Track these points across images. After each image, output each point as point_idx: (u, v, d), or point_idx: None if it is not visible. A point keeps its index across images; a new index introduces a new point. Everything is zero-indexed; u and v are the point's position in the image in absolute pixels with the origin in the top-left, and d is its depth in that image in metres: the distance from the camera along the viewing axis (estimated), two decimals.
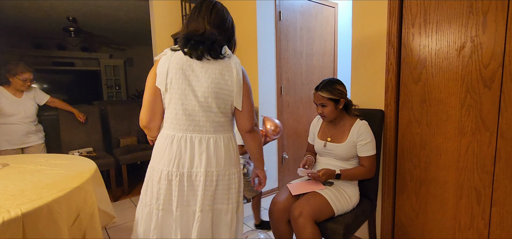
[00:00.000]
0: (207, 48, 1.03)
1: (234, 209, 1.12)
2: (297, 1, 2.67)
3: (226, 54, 1.07)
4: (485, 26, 1.21)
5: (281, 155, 2.73)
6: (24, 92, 2.34)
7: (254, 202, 2.13)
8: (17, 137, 2.28)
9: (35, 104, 2.41)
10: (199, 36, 1.02)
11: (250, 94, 1.11)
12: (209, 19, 1.04)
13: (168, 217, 1.04)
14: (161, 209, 1.04)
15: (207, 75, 1.03)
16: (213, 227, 1.08)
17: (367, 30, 1.65)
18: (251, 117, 1.11)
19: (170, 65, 1.01)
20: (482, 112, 1.25)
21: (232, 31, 1.14)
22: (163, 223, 1.04)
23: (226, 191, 1.09)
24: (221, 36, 1.06)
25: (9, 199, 0.86)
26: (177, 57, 1.02)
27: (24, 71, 2.25)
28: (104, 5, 3.60)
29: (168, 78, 1.01)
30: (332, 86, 1.42)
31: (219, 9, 1.10)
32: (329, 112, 1.44)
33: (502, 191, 1.22)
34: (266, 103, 2.58)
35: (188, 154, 1.03)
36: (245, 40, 2.60)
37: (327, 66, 3.03)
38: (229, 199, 1.10)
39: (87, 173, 1.16)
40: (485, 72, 1.22)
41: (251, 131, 1.13)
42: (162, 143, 1.05)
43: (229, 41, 1.13)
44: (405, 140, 1.54)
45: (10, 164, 1.32)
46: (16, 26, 4.52)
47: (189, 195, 1.04)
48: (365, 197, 1.54)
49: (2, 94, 2.23)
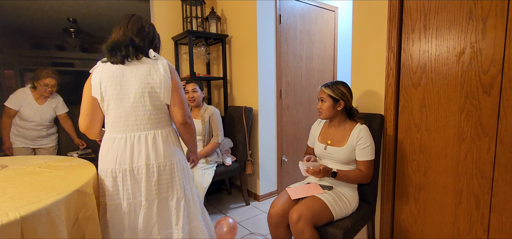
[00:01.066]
0: (126, 52, 1.14)
1: (180, 194, 1.22)
2: (297, 5, 2.68)
3: (153, 57, 1.18)
4: (485, 32, 1.21)
5: (281, 158, 2.73)
6: (48, 100, 2.40)
7: None
8: (29, 138, 2.38)
9: (53, 113, 2.45)
10: (118, 43, 1.15)
11: (179, 89, 1.20)
12: (126, 29, 1.18)
13: (118, 210, 1.16)
14: (109, 204, 1.16)
15: (136, 78, 1.14)
16: (159, 214, 1.19)
17: (367, 35, 1.65)
18: (182, 110, 1.20)
19: (102, 75, 1.14)
20: (482, 118, 1.25)
21: (153, 35, 1.24)
22: (114, 216, 1.16)
23: (169, 180, 1.21)
24: (143, 41, 1.19)
25: (7, 202, 0.86)
26: (107, 67, 1.15)
27: (45, 77, 2.30)
28: (104, 6, 3.61)
29: (102, 87, 1.14)
30: (335, 86, 1.47)
31: (136, 18, 1.22)
32: (325, 109, 1.47)
33: (501, 197, 1.23)
34: (265, 106, 2.58)
35: (129, 151, 1.15)
36: (246, 43, 2.60)
37: (327, 70, 3.04)
38: (174, 186, 1.21)
39: (87, 176, 1.15)
40: (485, 78, 1.23)
41: (184, 123, 1.22)
42: (105, 145, 1.18)
43: (152, 44, 1.24)
44: (405, 145, 1.55)
45: (9, 166, 1.31)
46: (16, 27, 4.52)
47: (134, 188, 1.16)
48: (364, 202, 1.54)
49: (25, 98, 2.30)
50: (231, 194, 2.85)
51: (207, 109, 2.26)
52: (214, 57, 3.02)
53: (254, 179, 2.69)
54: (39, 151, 2.47)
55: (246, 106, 2.52)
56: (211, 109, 2.27)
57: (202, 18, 2.64)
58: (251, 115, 2.54)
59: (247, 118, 2.49)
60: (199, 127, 2.19)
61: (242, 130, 2.49)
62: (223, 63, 2.76)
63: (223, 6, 2.85)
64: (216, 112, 2.27)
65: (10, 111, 2.30)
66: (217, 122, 2.26)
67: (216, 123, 2.25)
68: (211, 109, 2.27)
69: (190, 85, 2.20)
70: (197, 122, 2.20)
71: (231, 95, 2.92)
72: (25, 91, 2.33)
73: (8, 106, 2.29)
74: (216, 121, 2.26)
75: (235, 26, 2.73)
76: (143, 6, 3.18)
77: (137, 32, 1.18)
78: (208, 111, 2.24)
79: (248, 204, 2.57)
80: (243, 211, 2.44)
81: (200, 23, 2.64)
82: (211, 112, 2.25)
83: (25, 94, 2.32)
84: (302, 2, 2.71)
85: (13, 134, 2.35)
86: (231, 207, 2.53)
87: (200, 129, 2.19)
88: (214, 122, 2.25)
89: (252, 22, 2.47)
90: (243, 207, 2.53)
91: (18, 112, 2.31)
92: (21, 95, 2.31)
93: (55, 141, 2.58)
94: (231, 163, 2.37)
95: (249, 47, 2.56)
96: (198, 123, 2.20)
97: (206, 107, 2.28)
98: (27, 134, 2.36)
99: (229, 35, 2.81)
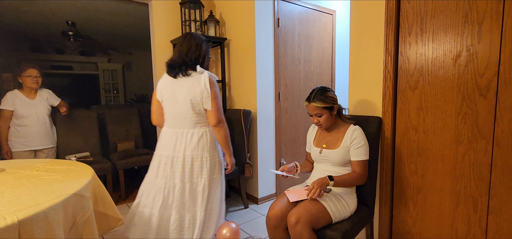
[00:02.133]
0: (178, 71, 1.52)
1: (206, 182, 1.55)
2: (295, 8, 2.70)
3: (199, 71, 1.52)
4: (481, 36, 1.23)
5: (279, 161, 2.73)
6: (37, 93, 2.46)
7: None
8: (30, 138, 2.39)
9: (48, 105, 2.53)
10: (173, 63, 1.54)
11: (216, 98, 1.52)
12: (180, 49, 1.54)
13: (157, 182, 1.56)
14: (156, 179, 1.56)
15: (183, 88, 1.51)
16: (189, 195, 1.54)
17: (365, 38, 1.67)
18: (217, 115, 1.52)
19: (163, 84, 1.57)
20: (478, 121, 1.26)
21: (199, 54, 1.56)
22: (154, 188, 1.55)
23: (199, 169, 1.54)
24: (191, 59, 1.53)
25: (5, 205, 0.86)
26: (167, 77, 1.57)
27: (27, 68, 2.39)
28: (103, 10, 3.61)
29: (162, 92, 1.57)
30: (324, 95, 1.43)
31: (188, 39, 1.56)
32: (325, 121, 1.45)
33: (499, 199, 1.23)
34: (264, 109, 2.59)
35: (173, 143, 1.54)
36: (244, 46, 2.61)
37: (325, 73, 3.06)
38: (202, 174, 1.55)
39: (84, 179, 1.15)
40: (481, 81, 1.24)
41: (216, 125, 1.54)
42: (161, 135, 1.62)
43: (199, 60, 1.55)
44: (402, 147, 1.55)
45: (7, 169, 1.31)
46: (15, 30, 4.52)
47: (173, 171, 1.53)
48: (363, 204, 1.55)
49: (16, 97, 2.36)
50: (229, 197, 2.85)
51: None
52: (213, 60, 3.03)
53: (253, 182, 2.69)
54: (40, 153, 2.48)
55: (244, 109, 2.52)
56: None
57: (200, 21, 2.65)
58: (250, 118, 2.54)
59: (246, 121, 2.49)
60: None
61: (241, 132, 2.50)
62: (221, 66, 2.77)
63: (222, 9, 2.87)
64: None
65: (6, 114, 2.32)
66: None
67: None
68: None
69: None
70: None
71: (230, 98, 2.92)
72: (14, 92, 2.38)
73: (3, 108, 2.31)
74: None
75: (233, 29, 2.74)
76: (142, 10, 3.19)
77: (187, 52, 1.53)
78: None
79: (247, 207, 2.57)
80: (242, 214, 2.44)
81: (198, 27, 2.65)
82: None
83: (15, 94, 2.37)
84: (300, 6, 2.73)
85: (14, 135, 2.35)
86: (230, 210, 2.52)
87: None
88: None
89: (251, 26, 2.48)
90: (242, 210, 2.52)
91: (14, 113, 2.33)
92: (11, 96, 2.35)
93: (55, 143, 2.60)
94: None
95: (247, 50, 2.57)
96: None
97: None
98: (28, 132, 2.37)
99: (228, 38, 2.82)
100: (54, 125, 2.64)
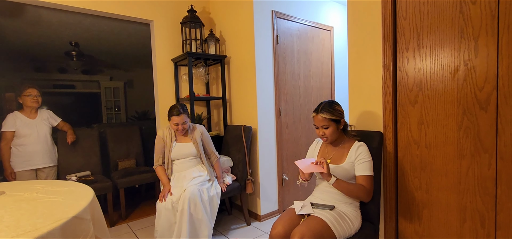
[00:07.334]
0: None
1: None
2: (293, 25, 2.75)
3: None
4: (477, 50, 1.24)
5: (281, 177, 2.71)
6: (38, 112, 2.50)
7: None
8: (31, 157, 2.40)
9: (49, 124, 2.57)
10: None
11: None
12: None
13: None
14: None
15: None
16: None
17: (363, 54, 1.69)
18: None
19: None
20: (480, 134, 1.26)
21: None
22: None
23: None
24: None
25: (4, 231, 0.85)
26: None
27: (26, 88, 2.42)
28: (106, 30, 3.69)
29: None
30: (332, 107, 1.45)
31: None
32: (331, 133, 1.45)
33: (506, 214, 1.21)
34: (264, 125, 2.59)
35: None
36: (244, 63, 2.64)
37: (325, 87, 3.07)
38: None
39: (84, 201, 1.14)
40: (480, 95, 1.24)
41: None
42: None
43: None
44: (405, 162, 1.54)
45: (6, 192, 1.30)
46: (18, 51, 4.60)
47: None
48: (367, 221, 1.52)
49: (17, 117, 2.39)
50: (231, 214, 2.80)
51: (195, 130, 2.20)
52: (213, 77, 3.06)
53: (254, 199, 2.65)
54: (40, 174, 2.47)
55: (245, 125, 2.52)
56: (199, 128, 2.22)
57: (201, 40, 2.70)
58: (251, 134, 2.54)
59: (247, 137, 2.49)
60: (193, 150, 2.14)
61: (242, 149, 2.49)
62: (222, 83, 2.79)
63: (222, 28, 2.92)
64: (204, 130, 2.25)
65: (8, 135, 2.33)
66: (208, 138, 2.25)
67: (208, 140, 2.25)
68: (198, 128, 2.22)
69: (179, 118, 2.04)
70: (188, 146, 2.14)
71: (230, 114, 2.93)
72: (15, 114, 2.40)
73: (5, 130, 2.32)
74: (208, 138, 2.25)
75: (233, 47, 2.78)
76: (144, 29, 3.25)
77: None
78: (197, 131, 2.19)
79: (249, 225, 2.52)
80: (244, 232, 2.39)
81: (199, 45, 2.69)
82: (200, 131, 2.21)
83: (16, 116, 2.39)
84: (298, 23, 2.78)
85: (15, 155, 2.35)
86: (232, 228, 2.48)
87: (195, 151, 2.14)
88: (206, 140, 2.23)
89: (250, 43, 2.53)
90: (244, 228, 2.48)
91: (15, 133, 2.34)
92: (12, 117, 2.38)
93: (55, 162, 2.60)
94: (231, 182, 2.35)
95: (247, 67, 2.60)
96: (190, 146, 2.14)
97: (193, 127, 2.22)
98: (29, 151, 2.38)
99: (228, 56, 2.86)
100: (55, 144, 2.65)
